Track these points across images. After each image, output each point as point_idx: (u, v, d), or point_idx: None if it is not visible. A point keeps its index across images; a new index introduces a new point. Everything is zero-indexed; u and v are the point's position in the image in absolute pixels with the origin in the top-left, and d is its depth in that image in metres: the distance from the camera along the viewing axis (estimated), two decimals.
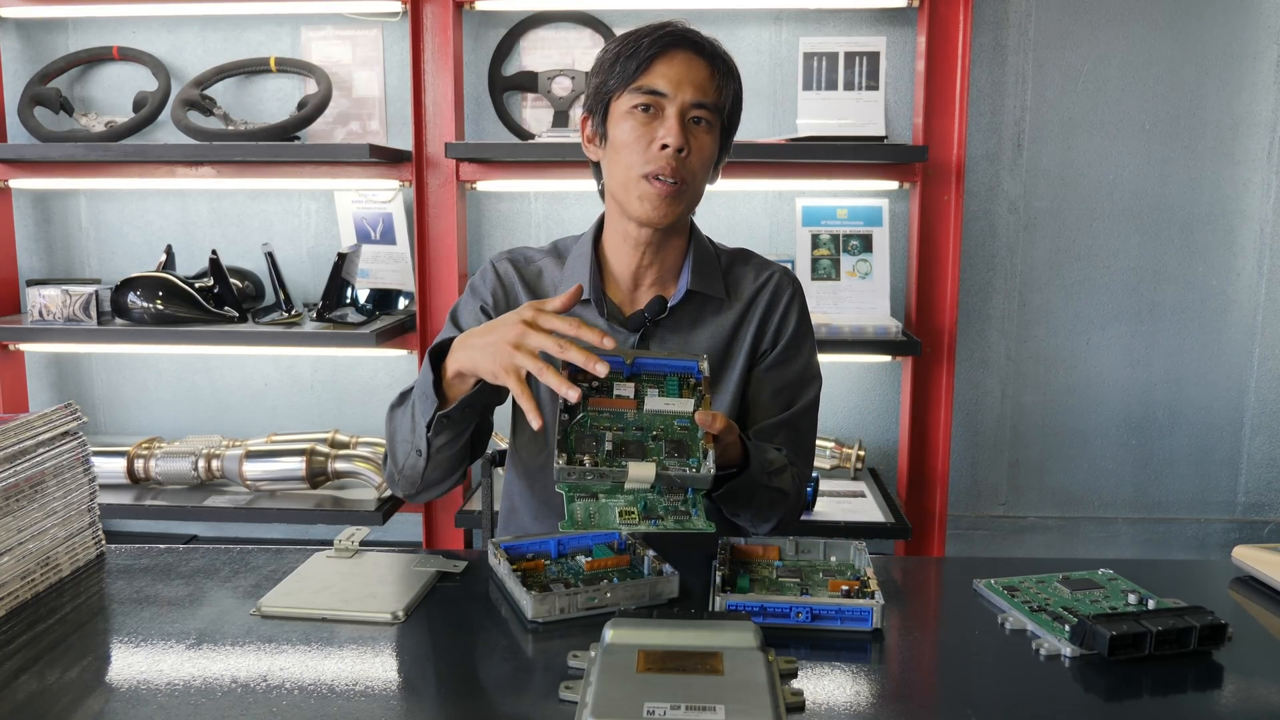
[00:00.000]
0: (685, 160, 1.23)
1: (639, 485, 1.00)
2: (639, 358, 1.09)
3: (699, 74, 1.23)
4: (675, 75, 1.22)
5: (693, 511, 1.01)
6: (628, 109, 1.24)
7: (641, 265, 1.33)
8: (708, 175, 1.29)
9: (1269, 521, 2.57)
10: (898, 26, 2.38)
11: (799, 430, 1.36)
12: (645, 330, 1.33)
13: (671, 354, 1.12)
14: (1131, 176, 2.44)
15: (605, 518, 0.99)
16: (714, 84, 1.24)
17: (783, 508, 1.26)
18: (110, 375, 2.64)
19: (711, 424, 1.04)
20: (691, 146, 1.23)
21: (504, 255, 1.40)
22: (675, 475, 1.01)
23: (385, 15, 2.42)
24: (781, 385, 1.36)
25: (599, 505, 1.00)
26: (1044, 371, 2.52)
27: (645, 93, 1.23)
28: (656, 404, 1.07)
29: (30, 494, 1.08)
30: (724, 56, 1.27)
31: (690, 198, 1.27)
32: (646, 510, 1.00)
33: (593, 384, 1.08)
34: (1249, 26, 2.37)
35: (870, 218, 2.39)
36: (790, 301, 1.38)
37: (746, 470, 1.17)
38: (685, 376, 1.10)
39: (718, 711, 0.76)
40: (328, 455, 2.31)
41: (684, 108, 1.22)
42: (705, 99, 1.23)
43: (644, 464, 1.00)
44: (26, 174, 2.47)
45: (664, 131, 1.22)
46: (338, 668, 0.91)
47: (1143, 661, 0.91)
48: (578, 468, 1.00)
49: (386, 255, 2.44)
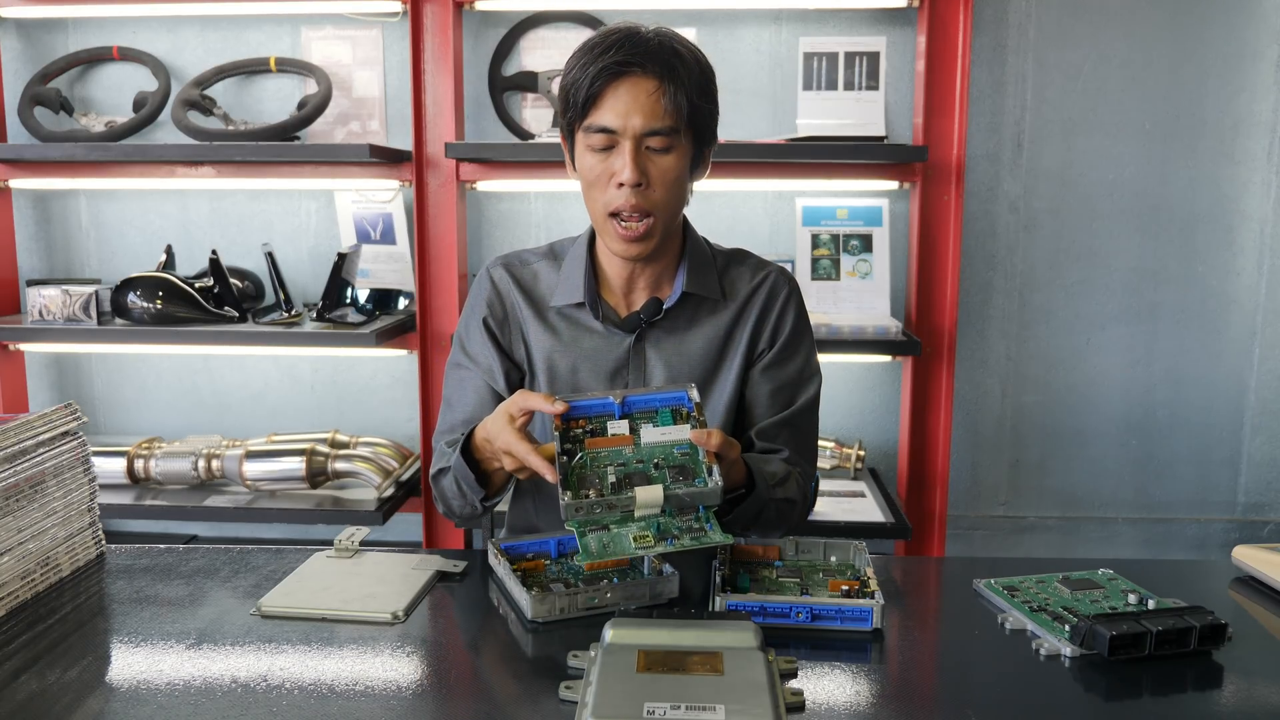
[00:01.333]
0: (646, 192, 1.22)
1: (649, 511, 0.99)
2: (628, 396, 1.10)
3: (646, 99, 1.20)
4: (622, 107, 1.20)
5: (708, 526, 0.99)
6: (584, 147, 1.24)
7: (634, 272, 1.33)
8: (682, 189, 1.27)
9: (1269, 521, 2.57)
10: (898, 26, 2.38)
11: (800, 429, 1.36)
12: (641, 332, 1.33)
13: (660, 389, 1.12)
14: (1131, 176, 2.44)
15: (620, 546, 0.97)
16: (664, 102, 1.20)
17: (791, 515, 1.27)
18: (110, 375, 2.64)
19: (706, 440, 1.03)
20: (651, 176, 1.22)
21: (499, 261, 1.41)
22: (684, 494, 1.00)
23: (385, 15, 2.42)
24: (780, 384, 1.36)
25: (612, 535, 0.98)
26: (1044, 371, 2.52)
27: (596, 131, 1.21)
28: (652, 435, 1.07)
29: (30, 494, 1.08)
30: (672, 61, 1.21)
31: (664, 226, 1.26)
32: (661, 533, 0.98)
33: (587, 429, 1.08)
34: (1249, 26, 2.37)
35: (870, 218, 2.39)
36: (787, 300, 1.38)
37: (753, 491, 1.18)
38: (677, 408, 1.10)
39: (718, 711, 0.76)
40: (328, 455, 2.31)
41: (636, 139, 1.21)
42: (656, 124, 1.20)
43: (651, 488, 0.99)
44: (26, 174, 2.47)
45: (619, 166, 1.21)
46: (338, 668, 0.91)
47: (1143, 661, 0.91)
48: (584, 501, 0.98)
49: (386, 255, 2.44)
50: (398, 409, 2.58)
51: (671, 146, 1.22)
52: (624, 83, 1.20)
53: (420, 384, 2.35)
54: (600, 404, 1.09)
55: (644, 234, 1.24)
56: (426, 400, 2.34)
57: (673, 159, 1.23)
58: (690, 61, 1.23)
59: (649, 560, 1.09)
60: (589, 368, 1.32)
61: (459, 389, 1.37)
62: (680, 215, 1.31)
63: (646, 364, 1.33)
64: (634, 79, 1.20)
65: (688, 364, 1.33)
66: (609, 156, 1.22)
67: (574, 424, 1.08)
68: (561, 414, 1.07)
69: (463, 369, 1.37)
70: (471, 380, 1.36)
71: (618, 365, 1.33)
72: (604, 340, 1.33)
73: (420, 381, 2.35)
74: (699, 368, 1.34)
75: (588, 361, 1.32)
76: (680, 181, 1.25)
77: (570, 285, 1.34)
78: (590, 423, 1.08)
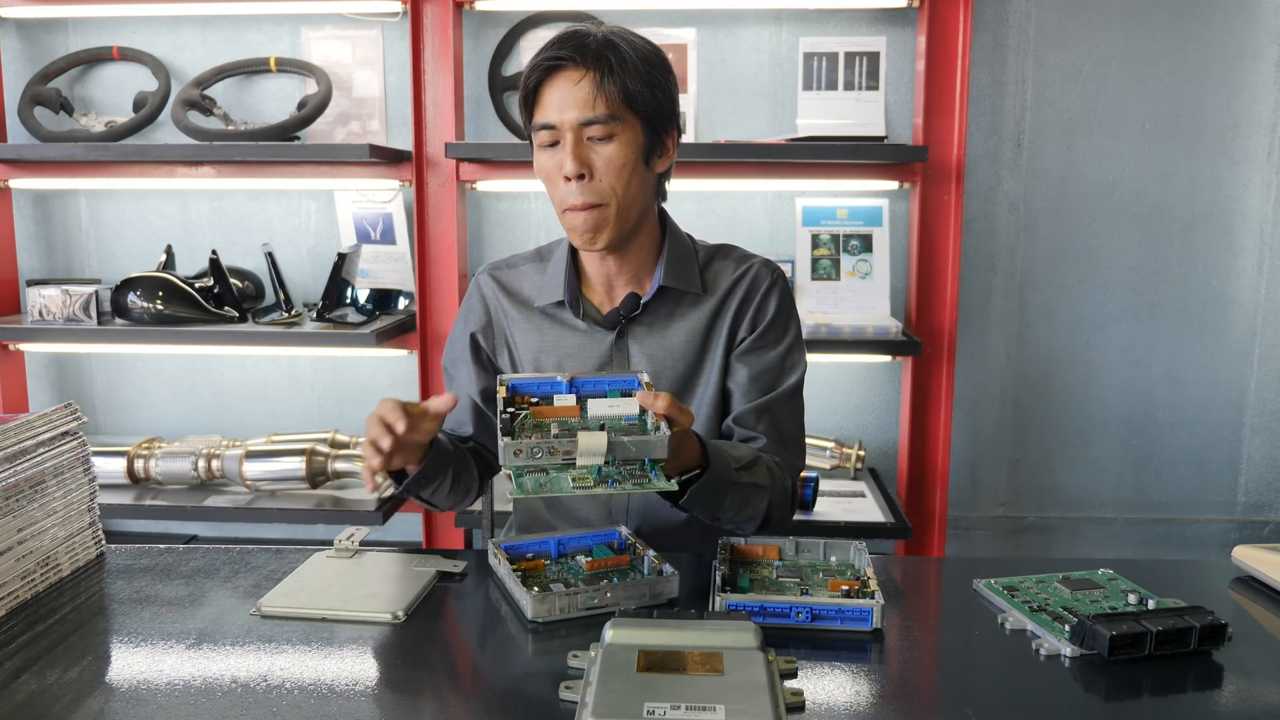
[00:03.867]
0: (591, 184, 1.23)
1: (592, 459, 0.96)
2: (576, 378, 1.10)
3: (580, 90, 1.21)
4: (558, 101, 1.22)
5: (651, 474, 0.97)
6: (537, 148, 1.27)
7: (610, 269, 1.34)
8: (636, 176, 1.25)
9: (1269, 521, 2.57)
10: (898, 26, 2.38)
11: (779, 416, 1.33)
12: (622, 328, 1.33)
13: (609, 372, 1.11)
14: (1131, 176, 2.44)
15: (557, 485, 0.95)
16: (599, 92, 1.20)
17: (761, 502, 1.23)
18: (110, 375, 2.64)
19: (653, 402, 1.02)
20: (594, 165, 1.23)
21: (487, 268, 1.43)
22: (629, 441, 0.96)
23: (385, 15, 2.42)
24: (760, 370, 1.33)
25: (550, 477, 0.96)
26: (1044, 371, 2.52)
27: (540, 128, 1.24)
28: (600, 408, 1.06)
29: (30, 494, 1.08)
30: (603, 52, 1.21)
31: (619, 214, 1.25)
32: (601, 476, 0.96)
33: (532, 400, 1.08)
34: (1249, 26, 2.37)
35: (870, 218, 2.39)
36: (770, 289, 1.36)
37: (708, 469, 1.14)
38: (627, 391, 1.09)
39: (718, 711, 0.76)
40: (328, 455, 2.31)
41: (575, 131, 1.22)
42: (590, 113, 1.21)
43: (594, 434, 0.96)
44: (26, 174, 2.47)
45: (562, 159, 1.23)
46: (338, 668, 0.91)
47: (1143, 661, 0.91)
48: (525, 442, 0.96)
49: (386, 255, 2.44)
50: None
51: (612, 135, 1.23)
52: (557, 78, 1.23)
53: (420, 384, 2.36)
54: (548, 383, 1.09)
55: (595, 224, 1.25)
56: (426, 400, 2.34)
57: (615, 147, 1.23)
58: (626, 50, 1.23)
59: (649, 560, 1.09)
60: (573, 365, 1.34)
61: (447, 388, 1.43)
62: (643, 205, 1.29)
63: (629, 360, 1.33)
64: (565, 72, 1.22)
65: (670, 358, 1.33)
66: (556, 153, 1.24)
67: (520, 399, 1.09)
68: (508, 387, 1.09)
69: (447, 374, 1.44)
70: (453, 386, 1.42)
71: (601, 362, 1.34)
72: (586, 338, 1.34)
73: (420, 381, 2.35)
74: (681, 362, 1.33)
75: (571, 359, 1.34)
76: (628, 169, 1.24)
77: (552, 285, 1.36)
78: (537, 398, 1.09)
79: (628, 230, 1.28)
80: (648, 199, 1.30)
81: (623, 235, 1.28)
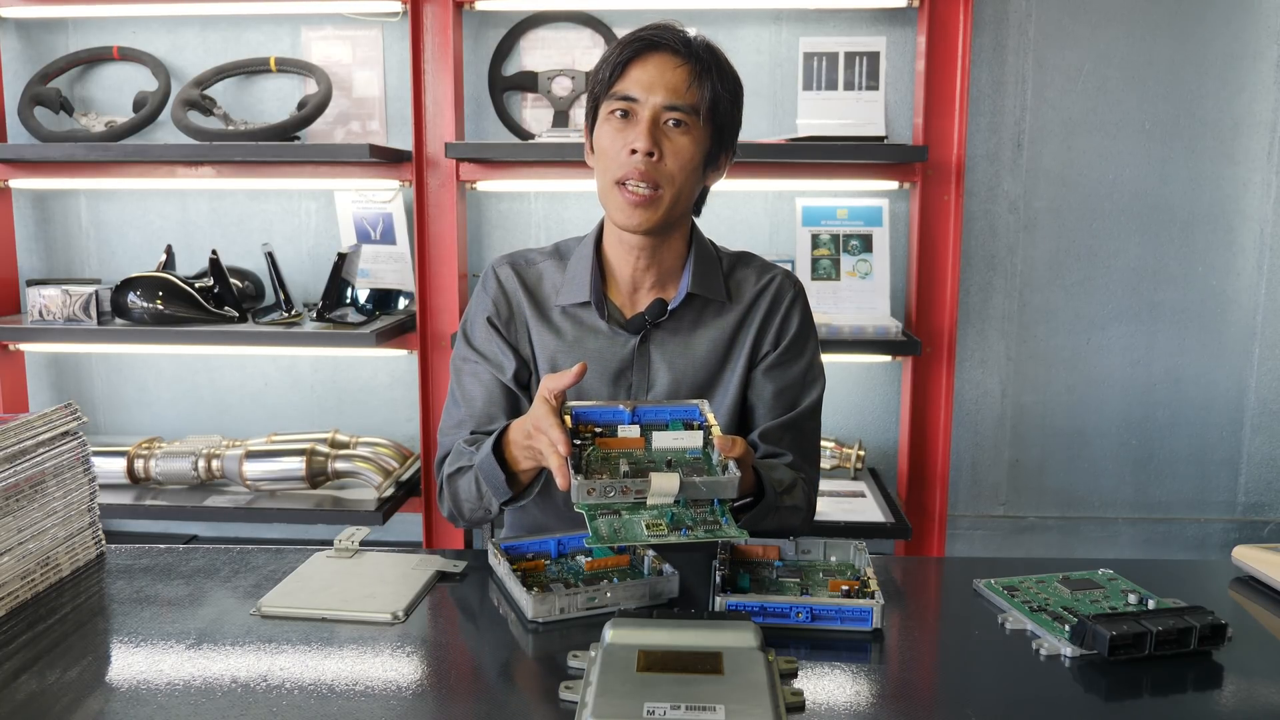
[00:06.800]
0: (658, 165, 1.22)
1: (663, 499, 0.96)
2: (639, 406, 1.10)
3: (674, 76, 1.22)
4: (648, 79, 1.22)
5: (722, 520, 0.98)
6: (605, 116, 1.26)
7: (639, 268, 1.33)
8: (695, 176, 1.27)
9: (1269, 521, 2.57)
10: (898, 26, 2.38)
11: (804, 432, 1.36)
12: (645, 333, 1.33)
13: (672, 402, 1.12)
14: (1131, 176, 2.44)
15: (632, 532, 0.95)
16: (690, 84, 1.22)
17: (794, 520, 1.26)
18: (110, 375, 2.64)
19: (730, 448, 1.02)
20: (665, 150, 1.22)
21: (505, 260, 1.40)
22: (700, 483, 0.97)
23: (385, 15, 2.42)
24: (784, 386, 1.36)
25: (623, 521, 0.96)
26: (1044, 371, 2.52)
27: (619, 99, 1.23)
28: (664, 440, 1.06)
29: (30, 494, 1.08)
30: (705, 55, 1.24)
31: (671, 202, 1.25)
32: (674, 522, 0.96)
33: (596, 430, 1.08)
34: (1249, 27, 2.37)
35: (870, 218, 2.39)
36: (792, 303, 1.38)
37: (762, 498, 1.18)
38: (689, 422, 1.10)
39: (718, 711, 0.76)
40: (328, 455, 2.31)
41: (656, 111, 1.22)
42: (679, 100, 1.22)
43: (667, 475, 0.97)
44: (26, 174, 2.47)
45: (634, 136, 1.22)
46: (338, 668, 0.91)
47: (1143, 661, 0.91)
48: (598, 482, 0.96)
49: (386, 255, 2.44)
50: (398, 409, 2.58)
51: (689, 129, 1.23)
52: (653, 58, 1.23)
53: (420, 384, 2.35)
54: (611, 412, 1.09)
55: (649, 201, 1.23)
56: (426, 400, 2.34)
57: (688, 141, 1.24)
58: (725, 63, 1.27)
59: (649, 560, 1.09)
60: (593, 368, 1.31)
61: (466, 383, 1.36)
62: (688, 204, 1.30)
63: (651, 365, 1.32)
64: (664, 55, 1.23)
65: (692, 366, 1.33)
66: (626, 128, 1.24)
67: (584, 427, 1.08)
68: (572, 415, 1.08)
69: (470, 363, 1.37)
70: (480, 375, 1.35)
71: (622, 366, 1.32)
72: (609, 341, 1.33)
73: (420, 381, 2.35)
74: (703, 370, 1.33)
75: (592, 362, 1.31)
76: (692, 166, 1.25)
77: (576, 284, 1.33)
78: (601, 427, 1.09)
79: (671, 222, 1.28)
80: (692, 202, 1.31)
81: (666, 224, 1.27)
